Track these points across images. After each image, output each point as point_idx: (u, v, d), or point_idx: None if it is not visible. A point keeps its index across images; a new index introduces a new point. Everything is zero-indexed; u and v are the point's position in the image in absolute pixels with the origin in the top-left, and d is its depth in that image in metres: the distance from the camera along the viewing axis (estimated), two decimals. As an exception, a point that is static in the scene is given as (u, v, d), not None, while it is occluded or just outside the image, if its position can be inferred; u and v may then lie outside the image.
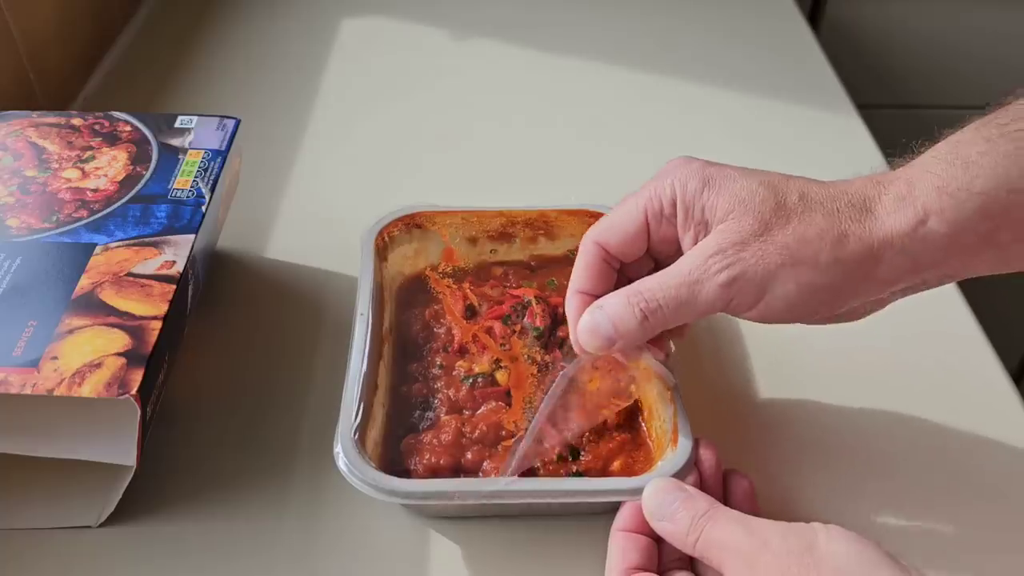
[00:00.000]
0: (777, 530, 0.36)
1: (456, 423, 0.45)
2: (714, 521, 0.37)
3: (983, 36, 1.14)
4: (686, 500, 0.38)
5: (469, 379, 0.47)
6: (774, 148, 0.72)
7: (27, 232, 0.47)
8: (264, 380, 0.52)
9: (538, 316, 0.50)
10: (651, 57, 0.84)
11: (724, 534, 0.36)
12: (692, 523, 0.37)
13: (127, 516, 0.44)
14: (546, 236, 0.55)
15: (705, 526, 0.37)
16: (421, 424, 0.46)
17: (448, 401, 0.47)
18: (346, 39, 0.86)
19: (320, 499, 0.45)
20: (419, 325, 0.51)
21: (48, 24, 0.73)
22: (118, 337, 0.42)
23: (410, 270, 0.54)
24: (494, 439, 0.45)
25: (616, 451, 0.45)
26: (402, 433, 0.46)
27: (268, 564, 0.43)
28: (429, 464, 0.43)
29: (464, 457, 0.44)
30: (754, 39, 0.88)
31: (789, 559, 0.34)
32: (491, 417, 0.45)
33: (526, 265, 0.55)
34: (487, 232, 0.55)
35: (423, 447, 0.44)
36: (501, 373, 0.48)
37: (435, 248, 0.55)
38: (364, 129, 0.74)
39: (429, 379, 0.48)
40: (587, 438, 0.45)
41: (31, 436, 0.41)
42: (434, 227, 0.54)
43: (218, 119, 0.56)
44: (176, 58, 0.81)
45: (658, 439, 0.45)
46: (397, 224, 0.53)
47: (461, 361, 0.49)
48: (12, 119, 0.55)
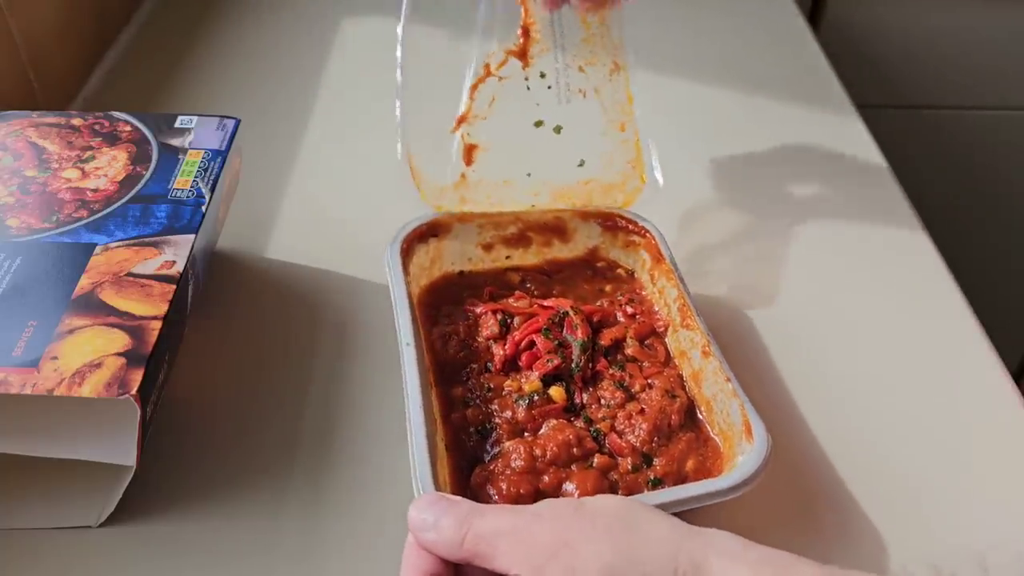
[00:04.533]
0: (544, 503, 0.36)
1: (526, 448, 0.43)
2: (481, 515, 0.36)
3: (983, 36, 1.14)
4: (449, 507, 0.37)
5: (524, 399, 0.46)
6: (774, 148, 0.73)
7: (27, 232, 0.47)
8: (264, 380, 0.52)
9: (579, 328, 0.49)
10: (651, 57, 0.84)
11: (493, 522, 0.36)
12: (459, 523, 0.36)
13: (127, 516, 0.44)
14: (560, 239, 0.55)
15: (473, 521, 0.36)
16: (483, 453, 0.44)
17: (507, 424, 0.45)
18: (346, 39, 0.86)
19: (320, 499, 0.45)
20: (456, 345, 0.49)
21: (48, 24, 0.73)
22: (118, 337, 0.42)
23: (426, 281, 0.53)
24: (567, 458, 0.43)
25: (686, 451, 0.44)
26: (465, 465, 0.44)
27: (268, 564, 0.43)
28: (509, 494, 0.41)
29: (542, 481, 0.42)
30: (754, 39, 0.88)
31: (564, 520, 0.35)
32: (558, 436, 0.43)
33: (542, 271, 0.55)
34: (503, 238, 0.55)
35: (496, 478, 0.42)
36: (556, 390, 0.46)
37: (449, 256, 0.54)
38: (364, 129, 0.74)
39: (480, 403, 0.46)
40: (656, 443, 0.44)
41: (31, 436, 0.41)
42: (450, 234, 0.53)
43: (218, 119, 0.56)
44: (176, 58, 0.81)
45: (723, 433, 0.44)
46: (416, 234, 0.52)
47: (509, 381, 0.47)
48: (12, 119, 0.55)
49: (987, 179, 1.24)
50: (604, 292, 0.54)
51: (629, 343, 0.49)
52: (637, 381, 0.47)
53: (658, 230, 0.54)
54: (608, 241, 0.56)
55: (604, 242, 0.56)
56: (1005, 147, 1.22)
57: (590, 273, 0.55)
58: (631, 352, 0.49)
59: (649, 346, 0.50)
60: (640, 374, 0.48)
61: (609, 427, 0.45)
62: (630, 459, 0.43)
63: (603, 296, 0.54)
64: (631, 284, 0.55)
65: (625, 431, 0.45)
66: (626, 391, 0.47)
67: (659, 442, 0.44)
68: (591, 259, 0.56)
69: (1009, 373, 0.53)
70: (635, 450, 0.44)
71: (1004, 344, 0.57)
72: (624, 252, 0.56)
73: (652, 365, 0.48)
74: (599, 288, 0.55)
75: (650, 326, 0.51)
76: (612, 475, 0.43)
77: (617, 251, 0.56)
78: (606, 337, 0.49)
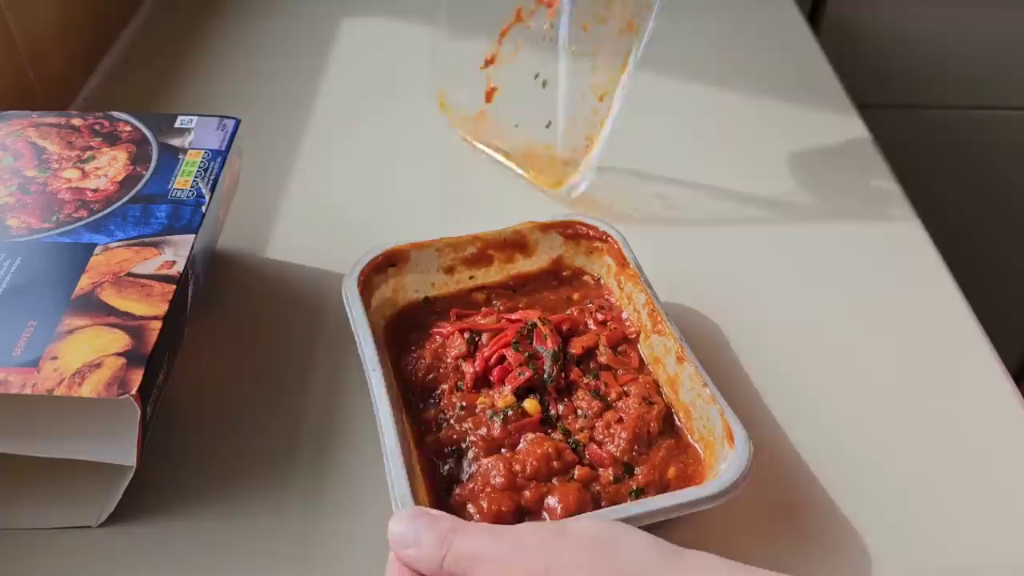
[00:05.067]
0: (526, 528, 0.36)
1: (505, 464, 0.43)
2: (462, 534, 0.36)
3: (983, 36, 1.14)
4: (430, 523, 0.37)
5: (499, 415, 0.45)
6: (774, 148, 0.73)
7: (27, 232, 0.47)
8: (264, 380, 0.52)
9: (548, 337, 0.48)
10: (650, 57, 0.83)
11: (474, 544, 0.35)
12: (440, 542, 0.36)
13: (127, 516, 0.44)
14: (522, 254, 0.54)
15: (453, 540, 0.36)
16: (460, 473, 0.44)
17: (483, 442, 0.44)
18: (346, 39, 0.86)
19: (320, 499, 0.45)
20: (423, 369, 0.48)
21: (48, 24, 0.73)
22: (118, 337, 0.42)
23: (390, 311, 0.52)
24: (548, 472, 0.42)
25: (667, 459, 0.44)
26: (443, 488, 0.43)
27: (268, 564, 0.43)
28: (491, 512, 0.41)
29: (523, 497, 0.42)
30: (754, 39, 0.88)
31: (545, 548, 0.34)
32: (536, 450, 0.43)
33: (506, 286, 0.54)
34: (463, 259, 0.53)
35: (477, 496, 0.42)
36: (530, 402, 0.46)
37: (412, 284, 0.53)
38: (364, 128, 0.74)
39: (453, 423, 0.45)
40: (636, 451, 0.44)
41: (31, 436, 0.41)
42: (408, 263, 0.52)
43: (218, 119, 0.56)
44: (176, 58, 0.81)
45: (703, 439, 0.44)
46: (372, 266, 0.51)
47: (481, 398, 0.46)
48: (12, 119, 0.55)
49: (987, 179, 1.24)
50: (572, 300, 0.53)
51: (602, 351, 0.49)
52: (613, 389, 0.46)
53: (620, 234, 0.53)
54: (571, 249, 0.55)
55: (567, 251, 0.55)
56: (1005, 147, 1.22)
57: (556, 283, 0.54)
58: (604, 360, 0.48)
59: (622, 353, 0.49)
60: (615, 382, 0.47)
61: (588, 437, 0.44)
62: (611, 469, 0.43)
63: (571, 304, 0.53)
64: (599, 291, 0.54)
65: (604, 441, 0.44)
66: (602, 400, 0.46)
67: (639, 450, 0.44)
68: (557, 268, 0.55)
69: (1009, 373, 0.53)
70: (616, 460, 0.43)
71: (1004, 344, 0.57)
72: (588, 259, 0.55)
73: (626, 372, 0.48)
74: (566, 296, 0.54)
75: (622, 333, 0.50)
76: (594, 487, 0.42)
77: (582, 258, 0.55)
78: (577, 345, 0.49)
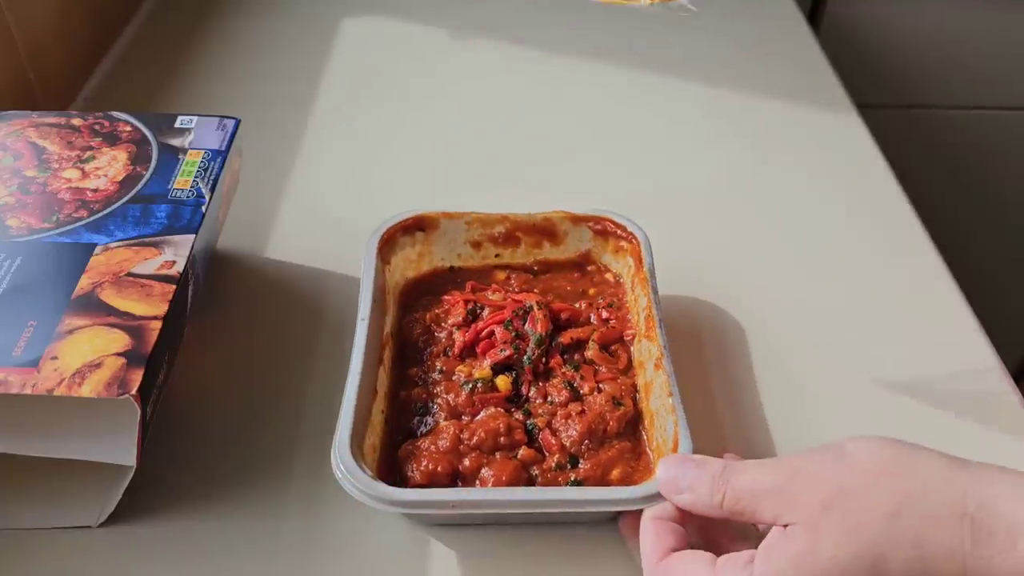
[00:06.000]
0: (802, 458, 0.35)
1: (455, 429, 0.44)
2: (736, 472, 0.36)
3: (983, 36, 1.14)
4: (699, 466, 0.37)
5: (469, 384, 0.47)
6: (774, 148, 0.73)
7: (27, 232, 0.47)
8: (264, 380, 0.52)
9: (539, 322, 0.49)
10: (650, 57, 0.84)
11: (751, 480, 0.36)
12: (713, 485, 0.36)
13: (127, 516, 0.44)
14: (550, 241, 0.55)
15: (729, 480, 0.36)
16: (419, 429, 0.46)
17: (447, 407, 0.46)
18: (346, 39, 0.86)
19: (319, 500, 0.45)
20: (420, 329, 0.50)
21: (48, 24, 0.73)
22: (118, 337, 0.42)
23: (413, 273, 0.54)
24: (492, 446, 0.44)
25: (616, 459, 0.44)
26: (401, 439, 0.45)
27: (267, 565, 0.43)
28: (426, 471, 0.43)
29: (462, 464, 0.43)
30: (754, 39, 0.88)
31: (829, 471, 0.34)
32: (489, 424, 0.44)
33: (529, 269, 0.55)
34: (491, 236, 0.55)
35: (421, 453, 0.43)
36: (502, 379, 0.47)
37: (438, 251, 0.55)
38: (364, 129, 0.74)
39: (429, 384, 0.47)
40: (586, 446, 0.44)
41: (31, 436, 0.41)
42: (438, 230, 0.54)
43: (218, 119, 0.56)
44: (176, 58, 0.81)
45: (658, 449, 0.44)
46: (400, 227, 0.53)
47: (462, 366, 0.48)
48: (12, 119, 0.55)
49: (987, 179, 1.24)
50: (587, 295, 0.54)
51: (591, 346, 0.49)
52: (587, 383, 0.47)
53: (646, 236, 0.53)
54: (599, 245, 0.55)
55: (596, 246, 0.55)
56: (1005, 147, 1.22)
57: (577, 275, 0.55)
58: (590, 355, 0.49)
59: (613, 352, 0.50)
60: (592, 377, 0.47)
61: (545, 423, 0.45)
62: (557, 457, 0.44)
63: (585, 298, 0.53)
64: (617, 289, 0.54)
65: (559, 429, 0.45)
66: (573, 391, 0.47)
67: (590, 446, 0.44)
68: (583, 262, 0.56)
69: (1009, 373, 0.53)
70: (564, 449, 0.44)
71: (1004, 344, 0.57)
72: (614, 257, 0.55)
73: (609, 371, 0.48)
74: (582, 290, 0.54)
75: (619, 332, 0.51)
76: (533, 469, 0.44)
77: (608, 256, 0.55)
78: (567, 336, 0.49)
